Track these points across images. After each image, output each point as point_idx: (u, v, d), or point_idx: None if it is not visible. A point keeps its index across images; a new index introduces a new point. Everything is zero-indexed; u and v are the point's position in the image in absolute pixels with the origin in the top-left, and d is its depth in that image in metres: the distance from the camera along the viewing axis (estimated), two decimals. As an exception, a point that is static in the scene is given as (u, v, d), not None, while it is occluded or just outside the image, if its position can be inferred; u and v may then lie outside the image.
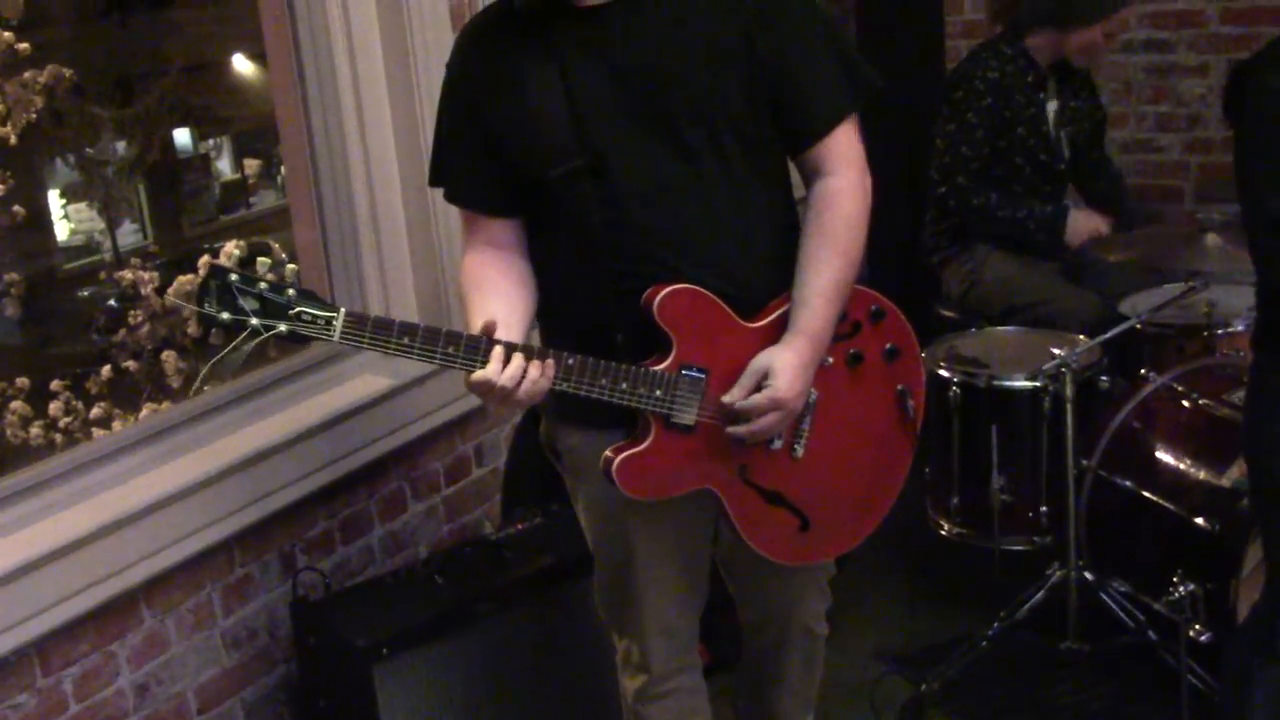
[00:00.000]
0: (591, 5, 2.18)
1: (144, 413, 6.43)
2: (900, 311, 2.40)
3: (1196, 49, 4.80)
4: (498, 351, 2.05)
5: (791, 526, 2.33)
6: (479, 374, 2.04)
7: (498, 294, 2.23)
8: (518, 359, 2.06)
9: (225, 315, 1.95)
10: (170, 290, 6.28)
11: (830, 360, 2.29)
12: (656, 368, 2.16)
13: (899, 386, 2.40)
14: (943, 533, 3.53)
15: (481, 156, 2.27)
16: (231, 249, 5.62)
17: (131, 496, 2.81)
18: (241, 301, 1.95)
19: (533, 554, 3.06)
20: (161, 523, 2.80)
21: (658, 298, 2.15)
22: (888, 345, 2.37)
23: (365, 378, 3.34)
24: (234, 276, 1.96)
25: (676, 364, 2.17)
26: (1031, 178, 3.88)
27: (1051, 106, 3.91)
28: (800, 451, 2.30)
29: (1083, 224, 3.81)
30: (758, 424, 2.19)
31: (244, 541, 3.00)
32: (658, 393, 2.15)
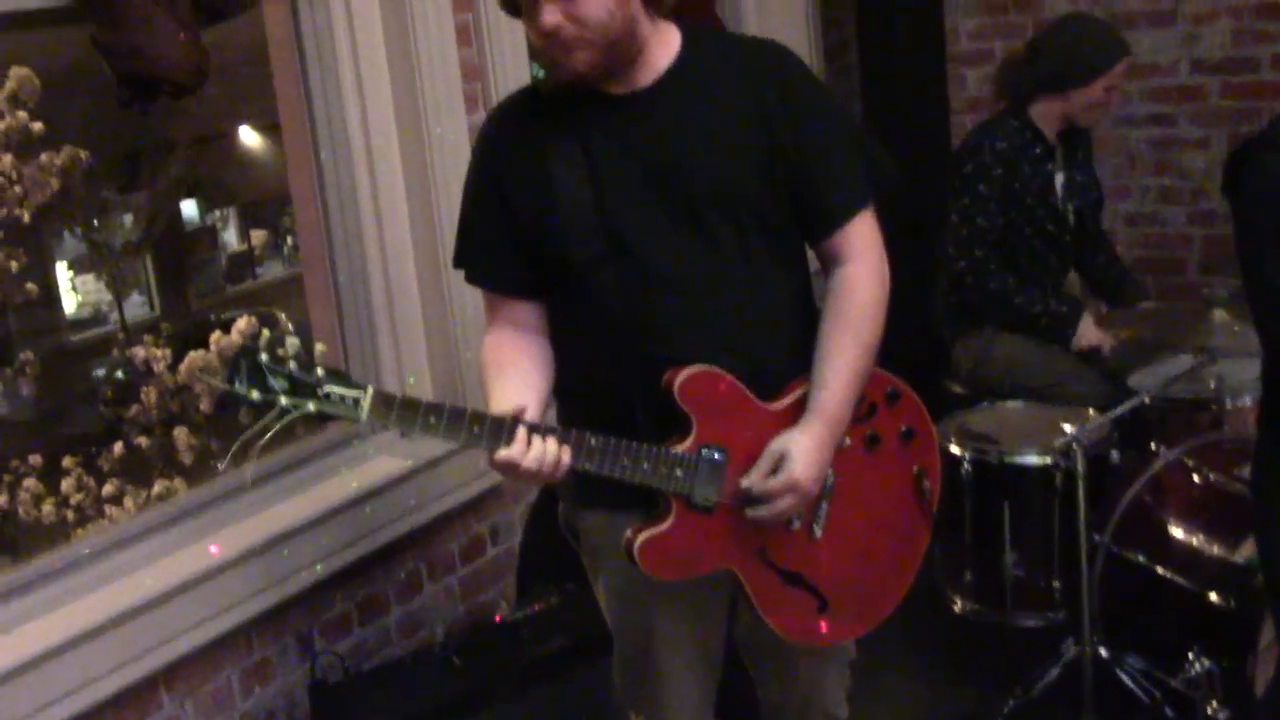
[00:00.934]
0: (619, 93, 2.23)
1: (156, 489, 6.45)
2: (915, 394, 2.42)
3: (1198, 123, 4.85)
4: (521, 432, 2.08)
5: (810, 607, 2.34)
6: (503, 454, 2.07)
7: (517, 374, 2.26)
8: (539, 440, 2.09)
9: (255, 394, 1.98)
10: (182, 366, 6.32)
11: (848, 442, 2.32)
12: (677, 448, 2.19)
13: (915, 468, 2.43)
14: (956, 609, 3.53)
15: (506, 239, 2.30)
16: (242, 324, 5.67)
17: (151, 581, 2.84)
18: (271, 380, 1.98)
19: (549, 635, 3.07)
20: (181, 607, 2.82)
21: (679, 379, 2.18)
22: (904, 427, 2.40)
23: (383, 460, 3.37)
24: (264, 356, 1.98)
25: (697, 445, 2.19)
26: (1040, 249, 3.92)
27: (1059, 178, 3.96)
28: (819, 532, 2.32)
29: (1090, 331, 3.84)
30: (775, 506, 2.21)
31: (262, 624, 3.02)
32: (678, 473, 2.18)
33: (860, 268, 2.30)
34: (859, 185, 2.31)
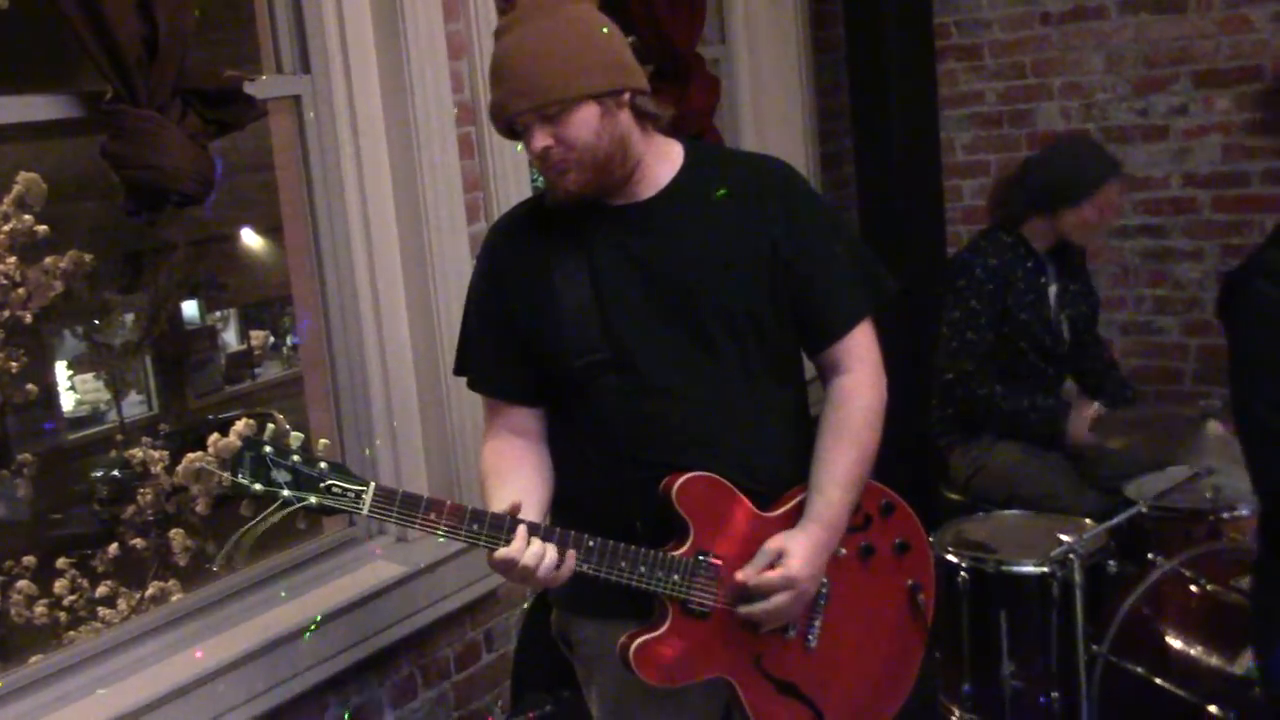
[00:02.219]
0: (622, 204, 2.27)
1: (150, 590, 6.42)
2: (909, 507, 2.44)
3: (1190, 234, 4.92)
4: (521, 530, 2.10)
5: (804, 718, 2.33)
6: (502, 552, 2.08)
7: (516, 479, 2.27)
8: (538, 541, 2.11)
9: (258, 486, 2.01)
10: (179, 468, 6.32)
11: (843, 552, 2.33)
12: (674, 553, 2.20)
13: (910, 581, 2.43)
14: (953, 719, 3.50)
15: (507, 347, 2.34)
16: (240, 426, 5.68)
17: (143, 688, 2.82)
18: (274, 473, 2.01)
19: (549, 744, 3.05)
20: (175, 712, 2.80)
21: (676, 484, 2.20)
22: (898, 540, 2.42)
23: (378, 565, 3.37)
24: (268, 449, 2.01)
25: (694, 549, 2.21)
26: (1036, 362, 3.95)
27: (1052, 290, 4.00)
28: (814, 642, 2.32)
29: (1083, 422, 3.87)
30: (770, 604, 2.21)
31: (256, 731, 3.00)
32: (675, 577, 2.19)
33: (859, 377, 2.33)
34: (859, 297, 2.35)
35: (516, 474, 2.30)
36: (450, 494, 3.43)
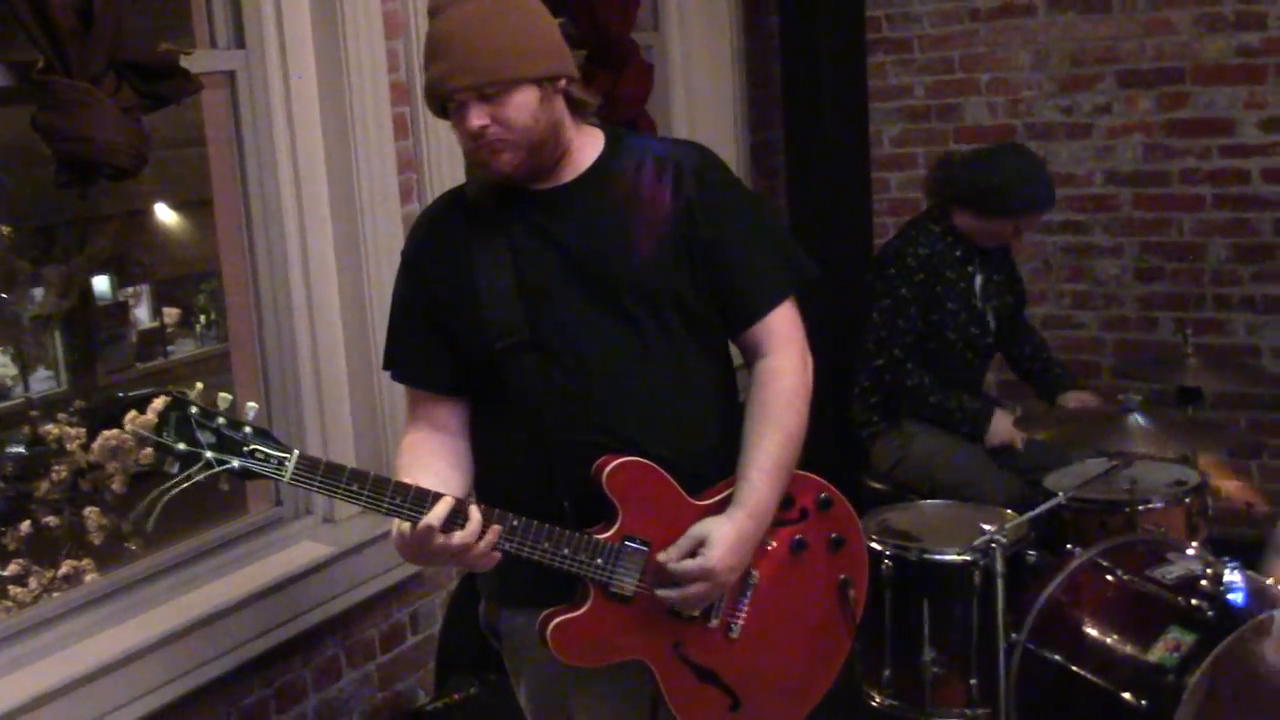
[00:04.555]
0: (542, 189, 2.28)
1: (63, 570, 6.31)
2: (848, 503, 2.46)
3: (1111, 231, 5.01)
4: (446, 500, 2.10)
5: (721, 706, 2.34)
6: (424, 521, 2.08)
7: (430, 472, 2.26)
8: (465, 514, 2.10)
9: (181, 445, 1.99)
10: (95, 445, 6.22)
11: (774, 544, 2.34)
12: (600, 536, 2.21)
13: (841, 576, 2.45)
14: (874, 704, 3.55)
15: (430, 336, 2.33)
16: (159, 403, 5.60)
17: (62, 668, 2.79)
18: (198, 434, 2.00)
19: (470, 725, 3.06)
20: (96, 693, 2.77)
21: (608, 468, 2.20)
22: (833, 535, 2.43)
23: (305, 545, 3.35)
24: (194, 409, 2.00)
25: (620, 534, 2.21)
26: (962, 351, 4.01)
27: (978, 280, 4.05)
28: (736, 632, 2.33)
29: (1003, 429, 3.94)
30: (687, 591, 2.23)
31: (180, 711, 2.97)
32: (599, 561, 2.20)
33: (782, 359, 2.34)
34: (779, 278, 2.37)
35: (429, 467, 2.28)
36: (378, 469, 3.41)
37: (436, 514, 2.09)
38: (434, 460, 2.30)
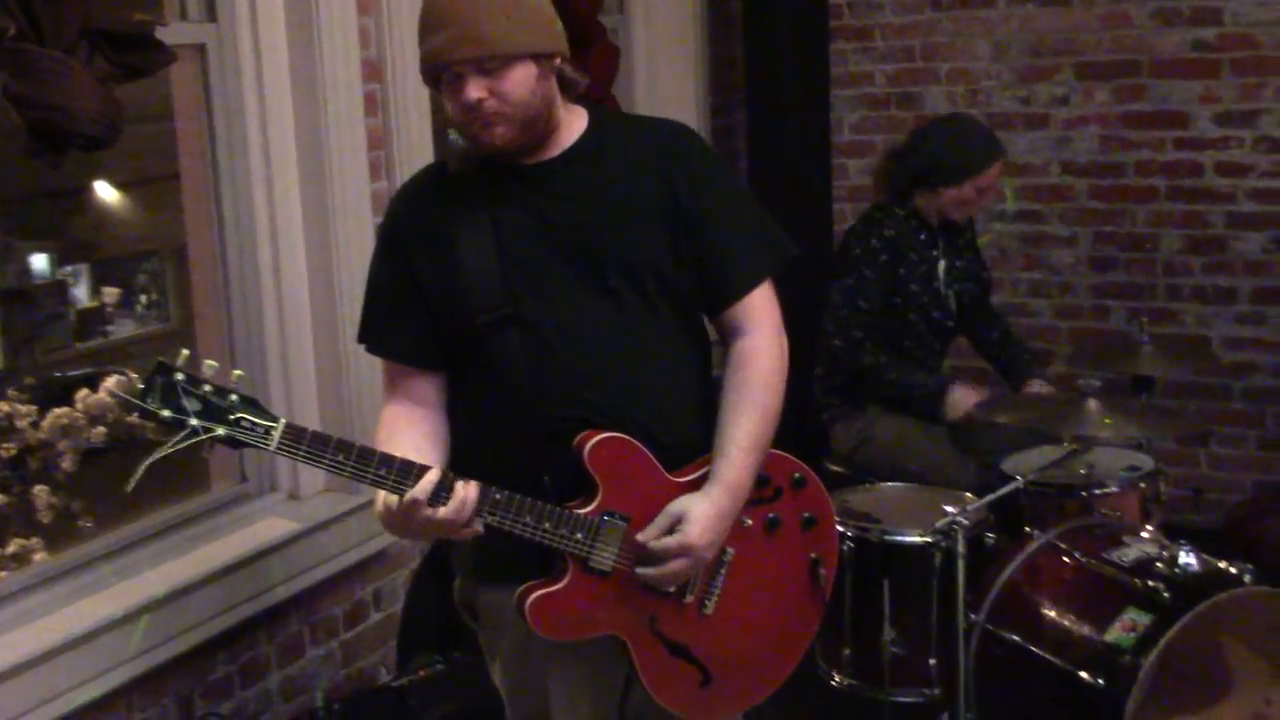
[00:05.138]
0: (527, 163, 2.29)
1: (11, 549, 6.25)
2: (820, 482, 2.49)
3: (1066, 221, 5.08)
4: (433, 474, 2.10)
5: (693, 680, 2.37)
6: (410, 494, 2.08)
7: (409, 447, 2.26)
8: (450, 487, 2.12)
9: (166, 412, 1.98)
10: (45, 423, 6.15)
11: (749, 522, 2.37)
12: (580, 511, 2.22)
13: (812, 555, 2.48)
14: (834, 683, 3.59)
15: (409, 310, 2.33)
16: (111, 382, 5.54)
17: (28, 642, 2.77)
18: (184, 401, 1.98)
19: (437, 701, 3.06)
20: (59, 669, 2.76)
21: (589, 444, 2.22)
22: (806, 514, 2.46)
23: (270, 521, 3.34)
24: (180, 375, 1.99)
25: (600, 509, 2.23)
26: (924, 334, 4.05)
27: (941, 264, 4.10)
28: (710, 608, 2.36)
29: (961, 401, 3.98)
30: (666, 568, 2.25)
31: (143, 687, 2.96)
32: (579, 535, 2.21)
33: (760, 339, 2.37)
34: (759, 259, 2.39)
35: (408, 441, 2.28)
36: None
37: (423, 487, 2.09)
38: (411, 433, 2.30)
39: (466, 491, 2.12)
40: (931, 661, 3.45)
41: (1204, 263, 4.89)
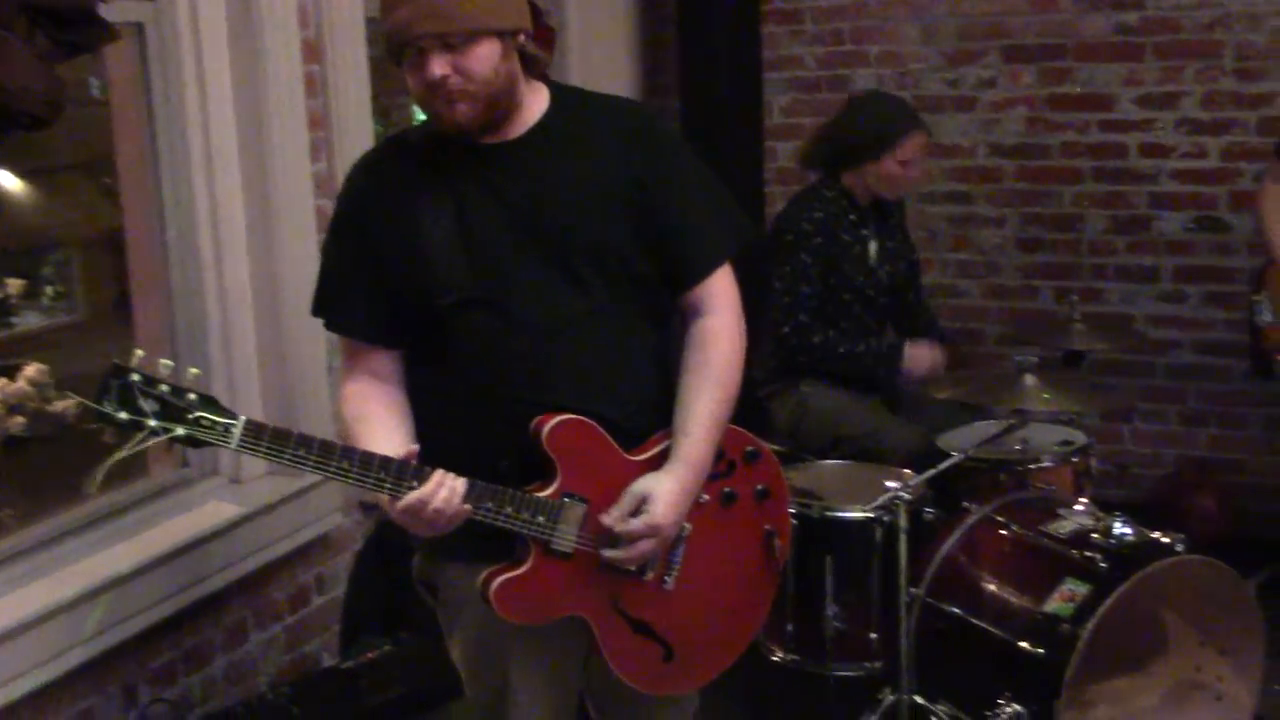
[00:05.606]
0: (488, 143, 2.28)
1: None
2: (773, 454, 2.52)
3: (994, 202, 5.15)
4: (438, 475, 2.13)
5: (656, 656, 2.40)
6: (417, 495, 2.11)
7: (386, 428, 2.27)
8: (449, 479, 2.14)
9: (123, 415, 1.96)
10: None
11: (705, 497, 2.39)
12: (540, 494, 2.23)
13: (767, 527, 2.51)
14: (775, 659, 3.63)
15: (369, 286, 2.31)
16: (31, 371, 5.44)
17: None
18: (141, 402, 1.96)
19: (387, 683, 3.06)
20: (2, 656, 2.71)
21: (547, 426, 2.22)
22: (760, 486, 2.49)
23: (213, 505, 3.32)
24: (136, 376, 1.97)
25: (560, 491, 2.24)
26: (859, 314, 4.10)
27: (873, 245, 4.15)
28: (670, 584, 2.38)
29: (921, 356, 4.05)
30: (634, 549, 2.26)
31: (86, 675, 2.92)
32: (540, 519, 2.22)
33: (721, 320, 2.39)
34: (721, 241, 2.41)
35: (384, 422, 2.28)
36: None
37: (429, 490, 2.12)
38: (383, 413, 2.30)
39: (459, 486, 2.14)
40: (873, 635, 3.51)
41: (1128, 242, 4.99)
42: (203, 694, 3.23)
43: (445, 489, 2.13)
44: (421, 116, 2.36)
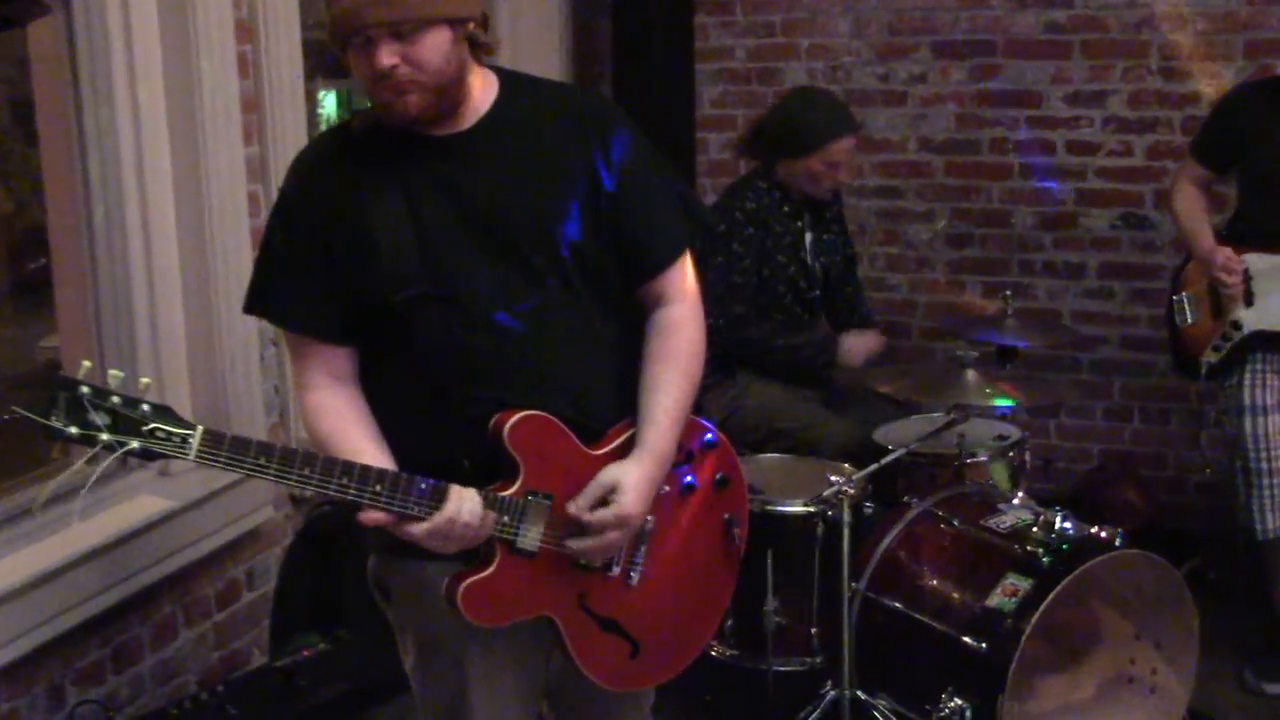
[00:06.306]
0: (437, 134, 2.21)
1: None
2: (729, 442, 2.48)
3: (923, 197, 5.17)
4: (461, 492, 2.09)
5: (623, 653, 2.35)
6: (444, 514, 2.07)
7: (369, 434, 2.21)
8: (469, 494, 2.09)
9: (73, 430, 1.87)
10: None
11: (666, 488, 2.35)
12: (503, 493, 2.17)
13: (726, 515, 2.48)
14: (714, 654, 3.60)
15: (318, 281, 2.22)
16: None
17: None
18: (92, 415, 1.88)
19: (325, 681, 2.99)
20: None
21: (507, 424, 2.17)
22: (718, 475, 2.46)
23: (142, 499, 3.22)
24: (85, 388, 1.88)
25: (523, 490, 2.18)
26: (791, 305, 4.09)
27: (808, 237, 4.15)
28: (635, 579, 2.34)
29: (857, 345, 4.05)
30: (602, 540, 2.22)
31: (10, 676, 2.83)
32: (504, 519, 2.16)
33: (683, 309, 2.36)
34: (680, 230, 2.38)
35: (366, 429, 2.22)
36: (218, 426, 3.29)
37: (451, 506, 2.08)
38: (361, 418, 2.24)
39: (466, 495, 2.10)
40: (813, 630, 3.51)
41: (1054, 238, 5.04)
42: (131, 694, 3.13)
43: (468, 501, 2.08)
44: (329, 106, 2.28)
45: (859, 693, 3.33)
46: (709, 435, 2.45)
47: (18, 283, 4.94)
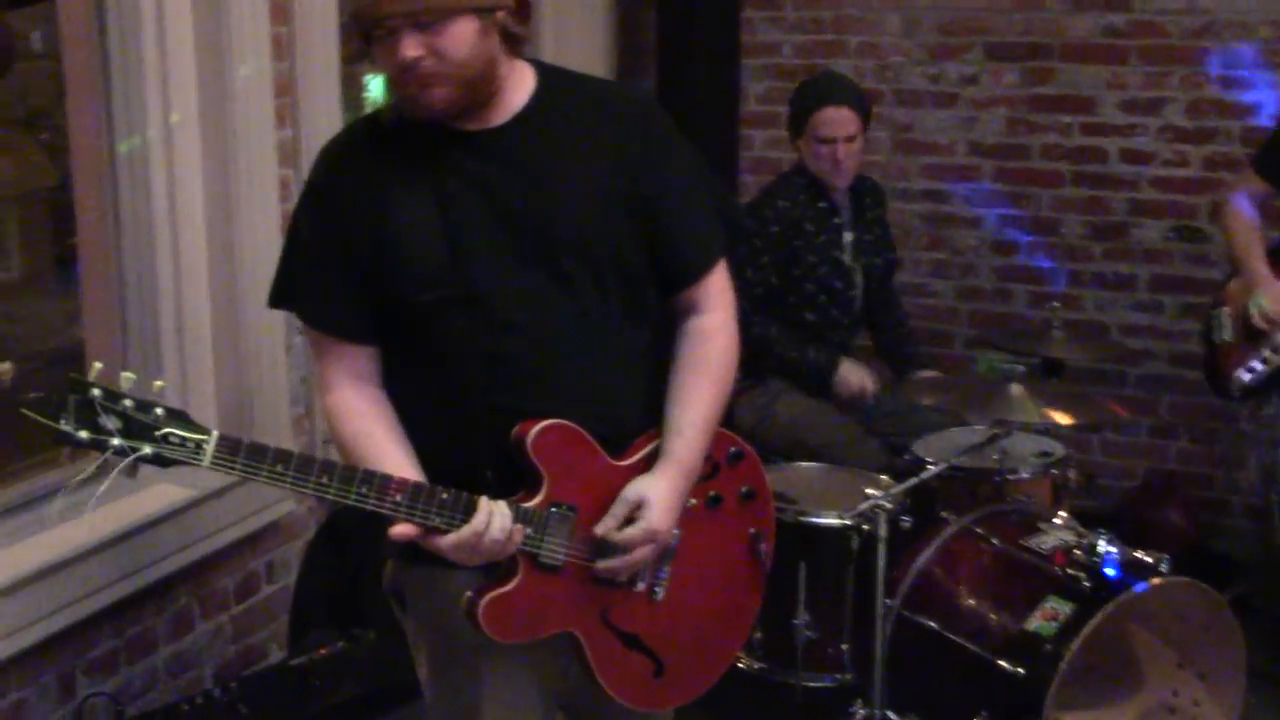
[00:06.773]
0: (470, 130, 2.12)
1: None
2: (756, 454, 2.40)
3: (970, 202, 5.05)
4: (490, 505, 2.02)
5: (647, 671, 2.27)
6: (471, 528, 2.00)
7: (393, 438, 2.13)
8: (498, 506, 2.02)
9: (84, 434, 1.81)
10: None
11: (693, 501, 2.26)
12: (527, 504, 2.09)
13: (752, 530, 2.39)
14: (741, 666, 3.51)
15: (343, 279, 2.14)
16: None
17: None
18: (103, 419, 1.81)
19: (339, 681, 2.93)
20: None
21: (530, 434, 2.08)
22: (744, 488, 2.36)
23: (161, 487, 3.15)
24: (96, 391, 1.81)
25: (547, 501, 2.10)
26: (825, 306, 4.00)
27: (847, 236, 4.05)
28: (661, 594, 2.25)
29: (852, 378, 3.95)
30: (631, 558, 2.14)
31: (20, 664, 2.78)
32: (528, 531, 2.08)
33: (717, 318, 2.28)
34: (717, 238, 2.29)
35: (394, 432, 2.14)
36: (241, 421, 3.24)
37: (480, 520, 2.01)
38: (389, 420, 2.15)
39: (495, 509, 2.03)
40: (844, 646, 3.42)
41: (1105, 249, 4.91)
42: (144, 686, 3.07)
43: (498, 515, 2.00)
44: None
45: (889, 713, 3.24)
46: (735, 448, 2.35)
47: (59, 256, 4.92)
